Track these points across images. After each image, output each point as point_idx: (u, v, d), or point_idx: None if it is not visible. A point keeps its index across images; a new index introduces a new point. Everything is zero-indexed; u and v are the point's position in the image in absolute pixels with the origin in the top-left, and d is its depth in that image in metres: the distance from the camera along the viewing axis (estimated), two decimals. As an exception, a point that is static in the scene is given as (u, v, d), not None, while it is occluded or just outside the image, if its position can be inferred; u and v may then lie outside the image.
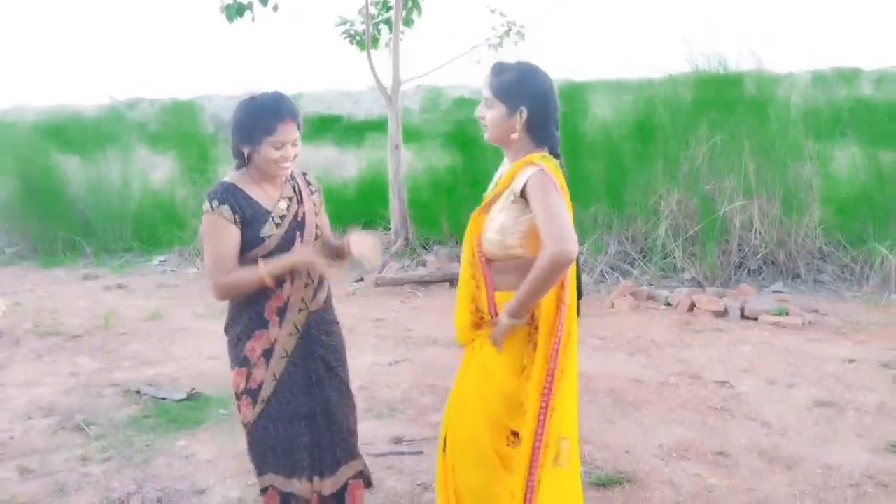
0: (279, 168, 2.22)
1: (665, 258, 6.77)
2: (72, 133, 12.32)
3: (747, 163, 6.51)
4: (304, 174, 2.43)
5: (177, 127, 12.02)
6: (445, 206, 8.13)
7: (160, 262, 8.97)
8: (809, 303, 5.95)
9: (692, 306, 5.82)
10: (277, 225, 2.25)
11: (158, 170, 11.14)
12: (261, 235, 2.22)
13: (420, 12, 9.22)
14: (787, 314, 5.40)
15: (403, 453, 3.51)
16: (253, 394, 2.32)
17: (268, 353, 2.29)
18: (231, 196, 2.21)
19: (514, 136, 2.16)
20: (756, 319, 5.46)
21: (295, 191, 2.34)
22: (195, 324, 5.99)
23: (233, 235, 2.20)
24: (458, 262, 7.73)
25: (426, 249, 8.25)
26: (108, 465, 3.46)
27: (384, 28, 9.56)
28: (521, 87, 2.13)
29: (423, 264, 7.78)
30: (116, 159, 10.46)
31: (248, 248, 2.22)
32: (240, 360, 2.32)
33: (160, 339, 5.55)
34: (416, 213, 8.46)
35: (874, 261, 6.08)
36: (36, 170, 10.02)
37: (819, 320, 5.46)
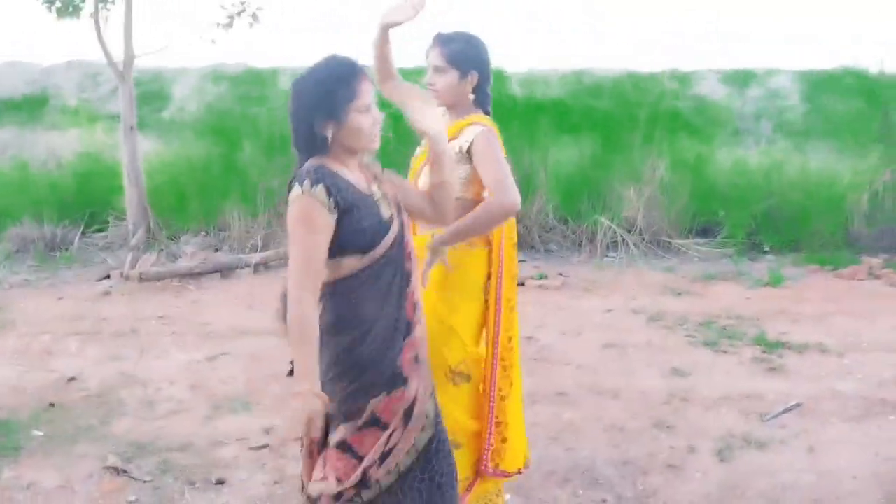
0: (372, 138, 1.87)
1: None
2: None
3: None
4: None
5: None
6: (192, 193, 7.62)
7: None
8: (547, 268, 6.99)
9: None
10: (388, 208, 1.90)
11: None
12: (384, 220, 1.86)
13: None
14: (547, 277, 6.33)
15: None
16: (407, 413, 1.88)
17: (417, 360, 1.90)
18: (328, 176, 1.79)
19: (471, 97, 2.43)
20: (524, 284, 6.28)
21: (372, 173, 1.99)
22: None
23: (327, 226, 1.78)
24: (219, 251, 7.38)
25: (172, 240, 7.64)
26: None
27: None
28: (470, 54, 2.42)
29: (174, 256, 7.22)
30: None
31: (373, 239, 1.82)
32: (392, 381, 1.85)
33: None
34: (155, 202, 7.76)
35: (594, 230, 7.37)
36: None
37: (567, 282, 6.49)
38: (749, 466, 3.17)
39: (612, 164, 7.44)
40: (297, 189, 1.78)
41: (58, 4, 8.33)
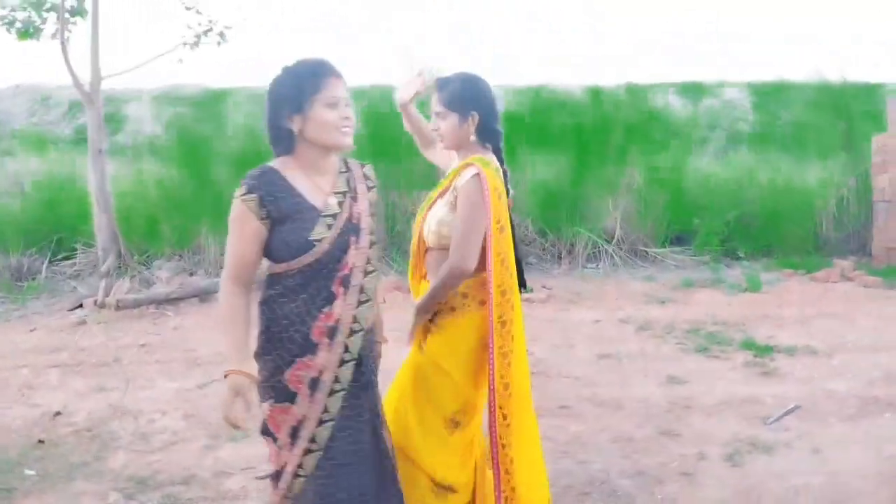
0: (340, 134, 1.88)
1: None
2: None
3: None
4: (363, 166, 2.09)
5: None
6: (163, 216, 7.45)
7: None
8: (530, 282, 7.01)
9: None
10: (329, 226, 1.88)
11: None
12: (310, 239, 1.85)
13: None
14: (532, 291, 6.34)
15: (294, 467, 3.33)
16: (294, 432, 1.90)
17: (314, 384, 1.89)
18: (267, 185, 1.85)
19: (472, 139, 2.38)
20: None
21: (349, 185, 1.99)
22: None
23: (253, 233, 1.85)
24: (194, 275, 7.22)
25: (144, 265, 7.45)
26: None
27: (51, 17, 8.27)
28: (467, 95, 2.36)
29: (148, 281, 7.03)
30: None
31: (294, 254, 1.86)
32: (279, 394, 1.90)
33: None
34: (124, 227, 7.56)
35: (572, 242, 7.43)
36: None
37: (552, 294, 6.52)
38: (760, 470, 3.20)
39: (586, 176, 7.53)
40: (238, 190, 1.87)
41: (18, 25, 8.15)
